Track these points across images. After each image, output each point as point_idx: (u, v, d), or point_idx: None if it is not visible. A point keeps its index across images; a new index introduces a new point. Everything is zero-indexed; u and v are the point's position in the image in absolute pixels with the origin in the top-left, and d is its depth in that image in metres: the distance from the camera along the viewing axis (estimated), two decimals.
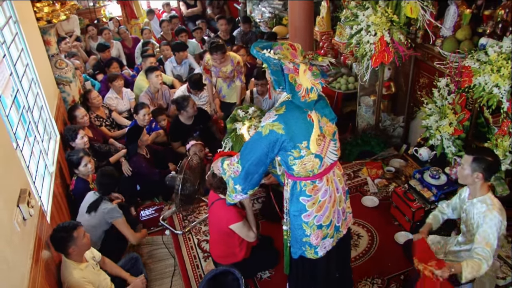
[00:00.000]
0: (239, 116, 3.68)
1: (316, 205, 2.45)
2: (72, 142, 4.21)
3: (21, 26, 3.91)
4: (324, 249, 2.59)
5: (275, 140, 2.28)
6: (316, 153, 2.33)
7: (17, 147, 2.88)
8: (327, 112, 2.38)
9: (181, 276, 3.50)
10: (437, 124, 3.72)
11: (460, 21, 3.66)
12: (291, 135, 2.26)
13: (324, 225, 2.50)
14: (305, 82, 2.23)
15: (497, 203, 2.63)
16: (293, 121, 2.28)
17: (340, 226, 2.61)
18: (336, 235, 2.61)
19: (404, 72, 4.48)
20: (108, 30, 7.50)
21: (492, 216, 2.59)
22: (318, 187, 2.43)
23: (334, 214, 2.54)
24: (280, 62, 2.21)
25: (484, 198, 2.67)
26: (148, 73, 5.34)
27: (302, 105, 2.27)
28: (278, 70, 2.25)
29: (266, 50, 2.21)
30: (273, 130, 2.26)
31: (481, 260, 2.51)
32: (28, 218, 2.60)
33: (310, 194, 2.43)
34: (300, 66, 2.22)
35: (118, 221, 3.48)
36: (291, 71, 2.22)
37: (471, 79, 3.17)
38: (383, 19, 3.64)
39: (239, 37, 7.28)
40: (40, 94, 4.08)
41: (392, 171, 4.33)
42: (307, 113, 2.30)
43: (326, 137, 2.36)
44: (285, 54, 2.23)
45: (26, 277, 2.39)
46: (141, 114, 4.68)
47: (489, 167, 2.61)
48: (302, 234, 2.52)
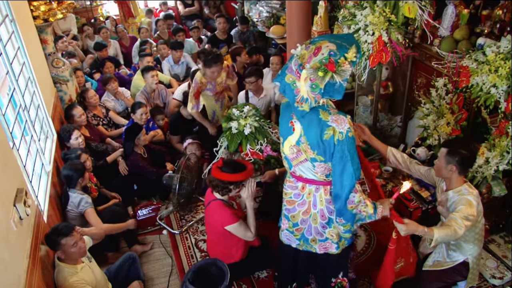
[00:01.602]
0: (234, 115, 3.66)
1: (287, 196, 2.58)
2: (67, 142, 4.20)
3: (17, 24, 3.89)
4: (286, 238, 2.73)
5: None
6: (286, 156, 2.44)
7: (13, 146, 2.87)
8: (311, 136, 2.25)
9: (178, 275, 3.49)
10: (434, 124, 3.72)
11: (458, 21, 3.67)
12: (280, 123, 2.47)
13: (291, 221, 2.63)
14: (302, 90, 2.18)
15: (475, 191, 2.69)
16: (283, 116, 2.43)
17: (310, 240, 2.63)
18: (304, 244, 2.68)
19: (402, 72, 4.48)
20: (106, 29, 7.47)
21: (469, 198, 2.63)
22: (292, 184, 2.53)
23: (304, 223, 2.59)
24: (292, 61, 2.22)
25: (460, 188, 2.72)
26: (144, 73, 5.32)
27: (295, 110, 2.25)
28: (286, 65, 2.28)
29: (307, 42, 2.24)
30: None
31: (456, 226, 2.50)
32: (25, 217, 2.60)
33: (286, 184, 2.58)
34: (302, 72, 2.16)
35: (87, 211, 3.47)
36: (291, 73, 2.21)
37: (468, 79, 3.17)
38: (381, 19, 3.63)
39: (236, 37, 7.26)
40: (36, 93, 4.06)
41: (390, 170, 4.32)
42: (291, 119, 2.33)
43: (301, 153, 2.34)
44: (304, 54, 2.17)
45: (22, 277, 2.38)
46: (138, 114, 4.66)
47: (462, 160, 2.67)
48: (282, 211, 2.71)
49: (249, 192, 3.00)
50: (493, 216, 3.50)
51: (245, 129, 3.52)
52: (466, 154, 2.67)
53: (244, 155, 3.51)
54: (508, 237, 3.55)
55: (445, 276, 2.89)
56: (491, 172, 3.17)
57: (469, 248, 2.81)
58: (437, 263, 2.94)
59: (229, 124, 3.60)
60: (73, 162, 3.69)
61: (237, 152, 3.55)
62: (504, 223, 3.59)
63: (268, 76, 5.58)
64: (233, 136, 3.57)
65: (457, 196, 2.70)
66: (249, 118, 3.61)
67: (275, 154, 3.53)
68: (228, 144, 3.59)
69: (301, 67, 2.16)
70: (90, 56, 7.05)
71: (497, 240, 3.53)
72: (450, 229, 2.50)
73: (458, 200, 2.68)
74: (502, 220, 3.57)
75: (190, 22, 8.44)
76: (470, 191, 2.68)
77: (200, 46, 7.35)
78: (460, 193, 2.70)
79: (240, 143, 3.56)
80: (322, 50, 2.11)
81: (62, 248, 2.77)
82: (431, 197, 3.58)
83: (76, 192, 3.52)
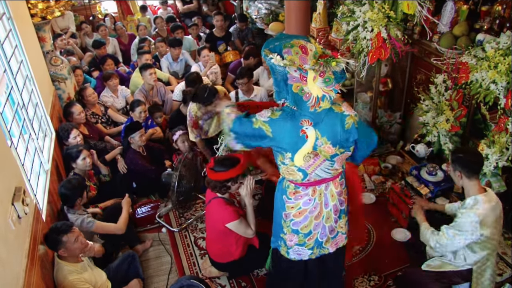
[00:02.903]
0: None
1: (295, 209, 2.41)
2: (65, 141, 4.19)
3: (15, 22, 3.87)
4: (297, 255, 2.54)
5: (259, 135, 2.22)
6: (300, 167, 2.26)
7: (11, 144, 2.86)
8: (329, 133, 2.19)
9: (177, 273, 3.48)
10: (434, 121, 3.72)
11: (457, 17, 3.66)
12: (278, 141, 2.19)
13: (302, 233, 2.45)
14: (315, 91, 2.09)
15: (481, 208, 2.58)
16: (283, 131, 2.18)
17: (324, 242, 2.52)
18: (317, 250, 2.54)
19: (401, 68, 4.47)
20: (105, 27, 7.45)
21: (466, 215, 2.59)
22: (300, 194, 2.38)
23: (317, 227, 2.45)
24: (285, 71, 2.07)
25: (471, 198, 2.65)
26: (142, 71, 5.30)
27: (309, 116, 2.15)
28: (281, 80, 2.13)
29: (274, 54, 2.08)
30: (262, 128, 2.19)
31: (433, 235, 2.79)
32: (23, 216, 2.59)
33: (291, 197, 2.39)
34: (308, 73, 2.07)
35: (96, 228, 3.36)
36: (296, 80, 2.09)
37: (468, 75, 3.16)
38: (380, 15, 3.62)
39: (235, 34, 7.25)
40: (35, 91, 4.05)
41: (389, 167, 4.33)
42: (301, 127, 2.16)
43: (319, 155, 2.23)
44: (293, 59, 2.07)
45: (21, 276, 2.37)
46: (137, 112, 4.66)
47: (464, 164, 2.64)
48: (280, 229, 2.51)
49: (247, 189, 2.99)
50: None
51: None
52: (467, 157, 2.65)
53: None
54: (507, 233, 3.54)
55: (445, 277, 2.87)
56: (491, 169, 3.16)
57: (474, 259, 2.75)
58: (440, 264, 2.91)
59: None
60: (72, 180, 3.48)
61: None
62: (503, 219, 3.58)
63: (264, 74, 5.56)
64: None
65: (465, 206, 2.68)
66: None
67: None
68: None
69: (304, 70, 2.08)
70: (88, 54, 7.02)
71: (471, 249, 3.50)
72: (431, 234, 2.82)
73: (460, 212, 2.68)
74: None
75: (189, 20, 8.43)
76: (476, 204, 2.59)
77: (199, 43, 7.33)
78: (467, 203, 2.66)
79: None
80: (307, 46, 2.11)
81: (64, 246, 2.77)
82: (430, 193, 3.58)
83: (75, 214, 3.35)
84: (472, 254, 2.73)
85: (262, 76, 5.61)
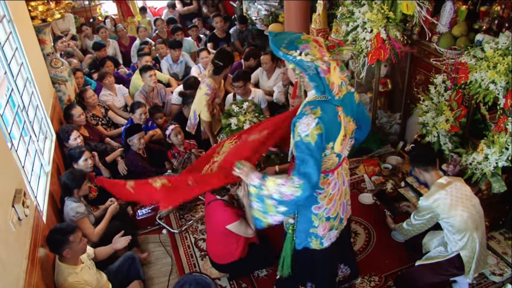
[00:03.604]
0: (233, 111, 3.64)
1: (327, 198, 2.47)
2: (66, 142, 4.20)
3: (15, 25, 3.88)
4: (329, 240, 2.62)
5: (321, 141, 2.19)
6: (338, 153, 2.33)
7: (11, 147, 2.86)
8: (350, 111, 2.34)
9: (178, 275, 3.48)
10: (433, 121, 3.71)
11: (456, 18, 3.65)
12: (325, 136, 2.20)
13: (332, 217, 2.54)
14: (336, 79, 2.19)
15: (436, 192, 2.85)
16: (329, 123, 2.20)
17: (344, 218, 2.66)
18: (339, 227, 2.64)
19: (401, 69, 4.47)
20: (105, 29, 7.47)
21: (421, 201, 2.92)
22: (329, 180, 2.44)
23: (341, 206, 2.57)
24: (315, 65, 2.13)
25: (431, 186, 2.95)
26: (142, 73, 5.31)
27: (337, 103, 2.23)
28: (314, 75, 2.16)
29: (295, 51, 2.13)
30: (317, 134, 2.16)
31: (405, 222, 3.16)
32: (24, 218, 2.59)
33: (323, 187, 2.44)
34: (331, 64, 2.16)
35: (78, 221, 3.34)
36: (325, 73, 2.15)
37: (467, 75, 3.16)
38: (379, 16, 3.63)
39: (235, 35, 7.25)
40: (35, 93, 4.06)
41: (389, 168, 4.33)
42: (337, 113, 2.23)
43: (347, 136, 2.35)
44: (315, 53, 2.14)
45: (21, 278, 2.38)
46: (138, 113, 4.67)
47: (417, 159, 3.01)
48: (310, 225, 2.54)
49: (245, 190, 2.99)
50: (493, 213, 3.49)
51: (244, 125, 3.49)
52: (417, 153, 3.01)
53: None
54: (508, 233, 3.54)
55: (439, 268, 2.93)
56: (491, 169, 3.16)
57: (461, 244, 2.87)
58: (432, 257, 3.01)
59: (228, 120, 3.57)
60: (74, 172, 3.58)
61: None
62: (504, 219, 3.58)
63: (264, 75, 5.55)
64: (233, 132, 3.54)
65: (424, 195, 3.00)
66: (248, 114, 3.58)
67: (275, 150, 3.46)
68: None
69: (327, 62, 2.17)
70: (89, 56, 7.04)
71: (497, 236, 3.52)
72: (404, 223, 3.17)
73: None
74: (502, 216, 3.57)
75: (189, 21, 8.44)
76: (430, 191, 2.93)
77: (199, 45, 7.34)
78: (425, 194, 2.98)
79: None
80: (319, 40, 2.23)
81: (70, 246, 2.77)
82: None
83: (70, 200, 3.42)
84: (454, 240, 2.88)
85: (261, 77, 5.61)
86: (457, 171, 3.53)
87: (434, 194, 2.85)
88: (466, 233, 2.82)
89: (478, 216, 2.86)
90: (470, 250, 2.86)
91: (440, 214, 2.85)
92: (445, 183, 2.88)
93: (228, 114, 3.64)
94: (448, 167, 3.60)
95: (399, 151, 4.54)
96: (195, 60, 6.61)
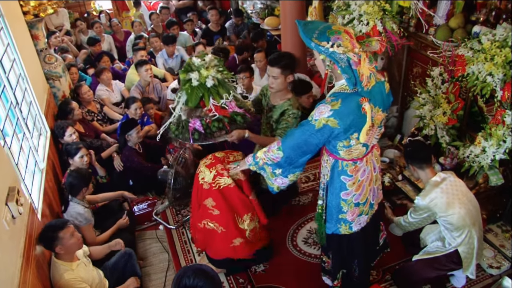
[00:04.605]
0: (193, 65, 3.06)
1: (355, 184, 2.52)
2: (61, 139, 4.17)
3: (6, 20, 3.83)
4: (359, 225, 2.68)
5: (329, 133, 2.30)
6: (364, 143, 2.37)
7: (4, 144, 2.83)
8: (380, 101, 2.37)
9: (175, 270, 3.48)
10: (431, 114, 3.70)
11: (453, 9, 3.62)
12: (344, 128, 2.26)
13: (361, 203, 2.59)
14: (366, 71, 2.20)
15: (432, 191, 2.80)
16: (348, 115, 2.25)
17: (374, 203, 2.70)
18: (370, 212, 2.70)
19: (397, 61, 4.44)
20: (100, 24, 7.40)
21: (417, 200, 2.88)
22: (358, 167, 2.49)
23: (370, 192, 2.62)
24: (347, 57, 2.14)
25: (426, 185, 2.89)
26: (138, 67, 5.27)
27: (365, 95, 2.25)
28: (347, 67, 2.18)
29: (327, 42, 2.14)
30: (327, 125, 2.26)
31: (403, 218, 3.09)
32: (18, 216, 2.56)
33: (352, 174, 2.49)
34: (361, 55, 2.18)
35: (83, 228, 3.33)
36: (357, 65, 2.16)
37: (464, 68, 3.14)
38: (375, 8, 3.60)
39: (231, 29, 7.21)
40: (28, 90, 4.01)
41: (386, 161, 4.31)
42: (361, 106, 2.25)
43: (374, 126, 2.38)
44: (347, 45, 2.15)
45: (16, 276, 2.35)
46: (133, 109, 4.62)
47: (412, 157, 2.93)
48: (339, 211, 2.60)
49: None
50: (490, 206, 3.49)
51: (207, 81, 2.99)
52: (413, 150, 2.95)
53: (207, 111, 3.02)
54: (505, 226, 3.54)
55: (437, 263, 2.92)
56: (488, 162, 3.15)
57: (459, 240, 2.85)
58: (430, 252, 2.99)
59: (188, 75, 3.01)
60: (81, 170, 3.58)
61: (199, 108, 3.05)
62: (501, 212, 3.58)
63: (256, 72, 5.46)
64: (193, 89, 3.01)
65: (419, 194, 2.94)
66: (211, 69, 3.05)
67: (240, 111, 3.12)
68: (188, 98, 3.04)
69: (358, 53, 2.18)
70: (83, 51, 6.98)
71: (494, 229, 3.52)
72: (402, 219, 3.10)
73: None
74: (499, 209, 3.56)
75: (184, 15, 8.37)
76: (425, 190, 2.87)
77: (194, 39, 7.29)
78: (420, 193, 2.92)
79: (202, 97, 3.01)
80: (349, 31, 2.22)
81: (61, 242, 2.75)
82: None
83: (77, 203, 3.37)
84: (452, 237, 2.86)
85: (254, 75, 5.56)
86: (455, 164, 3.52)
87: (430, 193, 2.80)
88: (464, 230, 2.80)
89: (475, 211, 2.84)
90: (468, 246, 2.84)
91: (438, 212, 2.80)
92: (440, 180, 2.83)
93: (188, 68, 3.06)
94: (445, 160, 3.59)
95: (397, 145, 4.52)
96: (191, 54, 6.57)
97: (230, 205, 3.00)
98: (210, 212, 3.02)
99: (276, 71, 3.02)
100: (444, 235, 2.91)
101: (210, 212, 3.02)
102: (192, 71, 3.03)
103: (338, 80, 2.36)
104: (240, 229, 3.07)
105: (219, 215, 3.01)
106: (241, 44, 5.90)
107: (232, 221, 3.02)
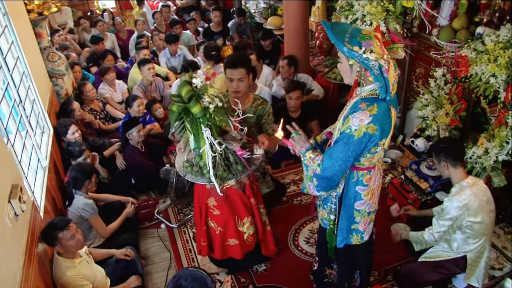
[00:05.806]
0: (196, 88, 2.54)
1: (369, 193, 2.48)
2: (64, 137, 4.17)
3: (10, 18, 3.84)
4: (368, 234, 2.65)
5: (367, 140, 2.19)
6: (386, 148, 2.34)
7: (8, 141, 2.84)
8: (396, 105, 2.32)
9: (176, 269, 3.48)
10: (433, 115, 3.69)
11: (456, 10, 3.62)
12: (381, 134, 2.18)
13: (372, 211, 2.58)
14: (392, 78, 2.14)
15: (466, 193, 2.67)
16: (384, 119, 2.18)
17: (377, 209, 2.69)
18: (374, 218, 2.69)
19: (400, 62, 4.43)
20: (103, 22, 7.41)
21: (451, 200, 2.71)
22: (371, 176, 2.45)
23: (377, 199, 2.60)
24: (379, 63, 2.06)
25: (457, 185, 2.76)
26: (141, 66, 5.28)
27: (392, 103, 2.22)
28: (379, 74, 2.09)
29: (359, 48, 2.05)
30: (367, 133, 2.15)
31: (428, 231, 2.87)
32: (20, 213, 2.57)
33: (367, 183, 2.44)
34: (390, 63, 2.11)
35: (90, 219, 3.40)
36: (387, 72, 2.10)
37: (467, 69, 3.13)
38: (379, 9, 3.59)
39: (233, 29, 7.21)
40: (31, 87, 4.02)
41: (388, 162, 4.31)
42: (390, 110, 2.22)
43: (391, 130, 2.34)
44: (378, 51, 2.08)
45: (18, 274, 2.36)
46: (135, 106, 4.62)
47: (448, 153, 2.74)
48: (352, 222, 2.55)
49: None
50: None
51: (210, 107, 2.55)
52: (449, 147, 2.77)
53: (234, 129, 2.72)
54: (508, 228, 3.54)
55: (442, 267, 2.89)
56: (491, 163, 3.14)
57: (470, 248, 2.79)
58: (436, 255, 2.94)
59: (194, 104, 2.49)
60: (82, 164, 3.63)
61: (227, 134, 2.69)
62: (503, 213, 3.58)
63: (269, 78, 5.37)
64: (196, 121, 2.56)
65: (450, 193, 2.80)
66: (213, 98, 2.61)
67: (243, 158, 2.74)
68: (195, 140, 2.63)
69: (387, 60, 2.11)
70: (86, 49, 7.00)
71: (496, 231, 3.51)
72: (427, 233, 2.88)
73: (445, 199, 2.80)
74: (502, 211, 3.55)
75: (187, 15, 8.38)
76: (459, 191, 2.71)
77: (197, 38, 7.30)
78: (450, 194, 2.79)
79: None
80: (378, 36, 2.16)
81: (59, 242, 2.76)
82: (430, 188, 3.57)
83: (82, 196, 3.42)
84: (466, 242, 2.78)
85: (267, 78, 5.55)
86: None
87: (461, 194, 2.67)
88: (481, 238, 2.73)
89: (492, 223, 2.79)
90: (478, 254, 2.79)
91: (467, 216, 2.66)
92: (471, 183, 2.71)
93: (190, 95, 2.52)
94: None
95: (399, 145, 4.52)
96: (194, 53, 6.58)
97: (232, 206, 3.01)
98: (210, 212, 3.03)
99: (242, 72, 2.82)
100: (454, 239, 2.82)
101: (211, 212, 3.03)
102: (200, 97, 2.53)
103: (365, 85, 2.25)
104: (238, 231, 3.07)
105: (219, 215, 3.01)
106: (239, 43, 5.89)
107: (232, 222, 3.02)
